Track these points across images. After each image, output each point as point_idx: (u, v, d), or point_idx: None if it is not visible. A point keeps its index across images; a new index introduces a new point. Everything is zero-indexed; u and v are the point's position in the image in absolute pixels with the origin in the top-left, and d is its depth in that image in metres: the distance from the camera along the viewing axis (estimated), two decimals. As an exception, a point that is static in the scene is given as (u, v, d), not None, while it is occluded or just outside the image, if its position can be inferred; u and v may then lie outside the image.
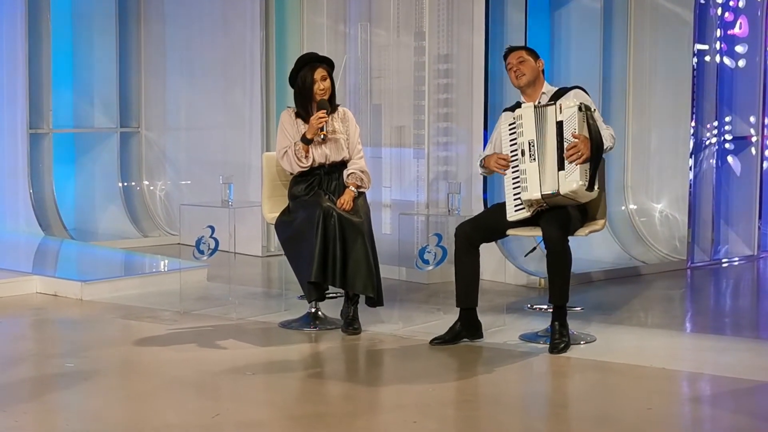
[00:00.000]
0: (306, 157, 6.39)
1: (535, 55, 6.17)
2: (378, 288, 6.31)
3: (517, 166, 5.94)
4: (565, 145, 5.82)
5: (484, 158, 6.17)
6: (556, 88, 6.18)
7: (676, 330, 6.58)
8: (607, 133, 5.93)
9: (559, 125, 5.85)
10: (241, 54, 9.37)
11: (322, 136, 6.37)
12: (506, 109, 6.29)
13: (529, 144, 5.89)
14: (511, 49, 6.24)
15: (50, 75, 9.46)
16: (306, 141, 6.37)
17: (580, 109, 5.84)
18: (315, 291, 6.28)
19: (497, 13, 8.00)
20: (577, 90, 6.14)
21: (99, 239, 9.61)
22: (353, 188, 6.41)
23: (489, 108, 7.85)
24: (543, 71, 6.19)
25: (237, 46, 9.40)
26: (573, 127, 5.81)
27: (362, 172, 6.46)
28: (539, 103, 6.05)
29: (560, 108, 5.87)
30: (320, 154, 6.43)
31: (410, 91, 8.09)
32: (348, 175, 6.44)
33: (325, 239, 6.20)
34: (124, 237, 9.85)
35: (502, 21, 8.04)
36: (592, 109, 5.93)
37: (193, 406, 4.93)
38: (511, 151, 5.98)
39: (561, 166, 5.82)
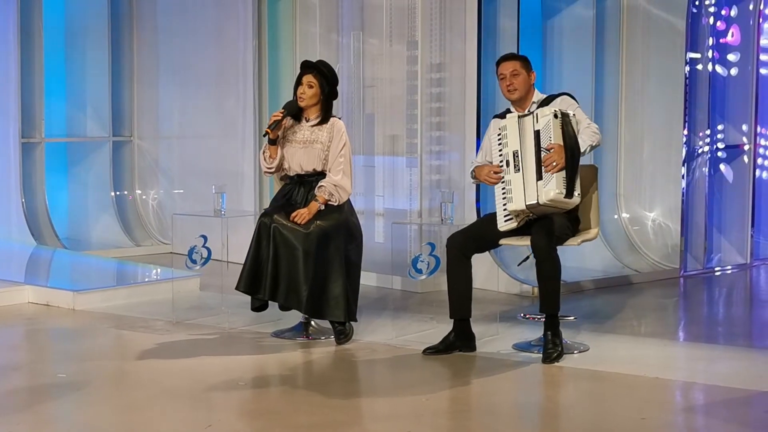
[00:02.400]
0: (271, 157, 6.38)
1: (529, 67, 6.10)
2: (349, 305, 6.21)
3: (503, 177, 5.95)
4: (542, 154, 5.82)
5: (475, 168, 6.16)
6: (545, 96, 6.14)
7: (669, 339, 6.58)
8: (588, 132, 5.89)
9: (537, 134, 5.83)
10: (234, 63, 9.36)
11: (264, 133, 6.35)
12: (496, 116, 6.28)
13: (514, 155, 5.89)
14: (506, 58, 6.14)
15: (42, 84, 9.43)
16: (269, 141, 6.37)
17: (555, 116, 5.82)
18: (252, 301, 6.37)
19: (490, 22, 8.00)
20: (564, 96, 6.10)
21: (91, 248, 9.59)
22: (320, 202, 6.28)
23: (482, 116, 7.85)
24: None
25: (230, 55, 9.39)
26: (549, 135, 5.79)
27: (335, 186, 6.30)
28: (526, 112, 6.02)
29: (536, 117, 5.85)
30: (296, 163, 6.41)
31: (403, 100, 8.09)
32: (318, 188, 6.33)
33: (258, 250, 6.22)
34: (117, 246, 9.83)
35: (495, 30, 8.04)
36: (570, 114, 5.89)
37: (186, 417, 4.92)
38: (499, 162, 5.99)
39: (539, 176, 5.81)
